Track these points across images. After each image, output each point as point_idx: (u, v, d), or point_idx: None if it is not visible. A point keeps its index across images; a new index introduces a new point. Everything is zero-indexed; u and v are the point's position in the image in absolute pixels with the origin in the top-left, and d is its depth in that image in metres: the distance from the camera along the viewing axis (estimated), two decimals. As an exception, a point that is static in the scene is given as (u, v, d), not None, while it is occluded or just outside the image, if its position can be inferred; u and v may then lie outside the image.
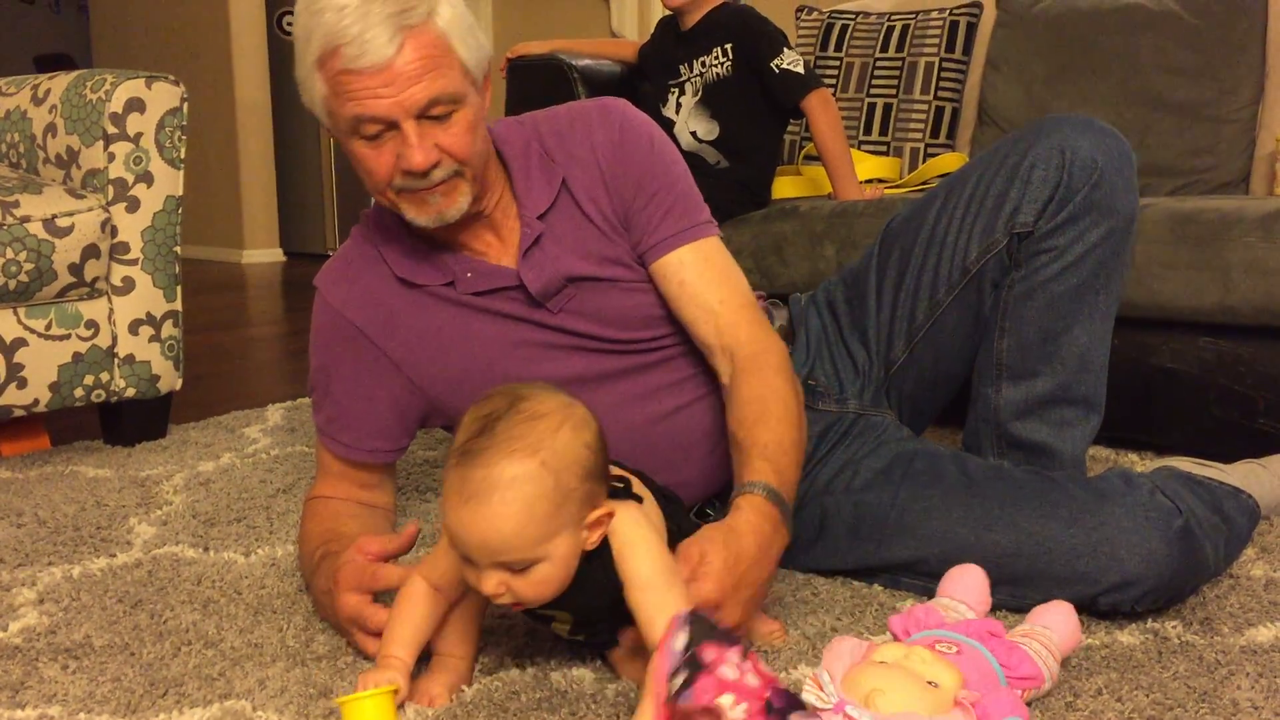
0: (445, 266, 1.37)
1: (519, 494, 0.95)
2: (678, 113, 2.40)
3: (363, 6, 1.20)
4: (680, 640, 0.90)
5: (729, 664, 0.88)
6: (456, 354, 1.37)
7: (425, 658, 1.14)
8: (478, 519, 0.95)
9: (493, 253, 1.38)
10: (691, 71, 2.39)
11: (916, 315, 1.46)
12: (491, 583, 0.98)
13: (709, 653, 0.89)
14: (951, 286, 1.43)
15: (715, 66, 2.35)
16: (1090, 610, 1.26)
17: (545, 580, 0.99)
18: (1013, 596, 1.27)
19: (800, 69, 2.28)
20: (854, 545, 1.38)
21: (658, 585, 1.01)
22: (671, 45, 2.45)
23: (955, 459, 1.39)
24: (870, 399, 1.50)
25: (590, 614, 1.07)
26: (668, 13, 2.47)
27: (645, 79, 2.57)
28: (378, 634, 1.14)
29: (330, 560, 1.26)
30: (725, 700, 0.87)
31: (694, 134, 2.37)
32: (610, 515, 1.02)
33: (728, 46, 2.33)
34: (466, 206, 1.30)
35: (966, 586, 1.23)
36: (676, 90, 2.41)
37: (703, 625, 0.91)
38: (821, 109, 2.27)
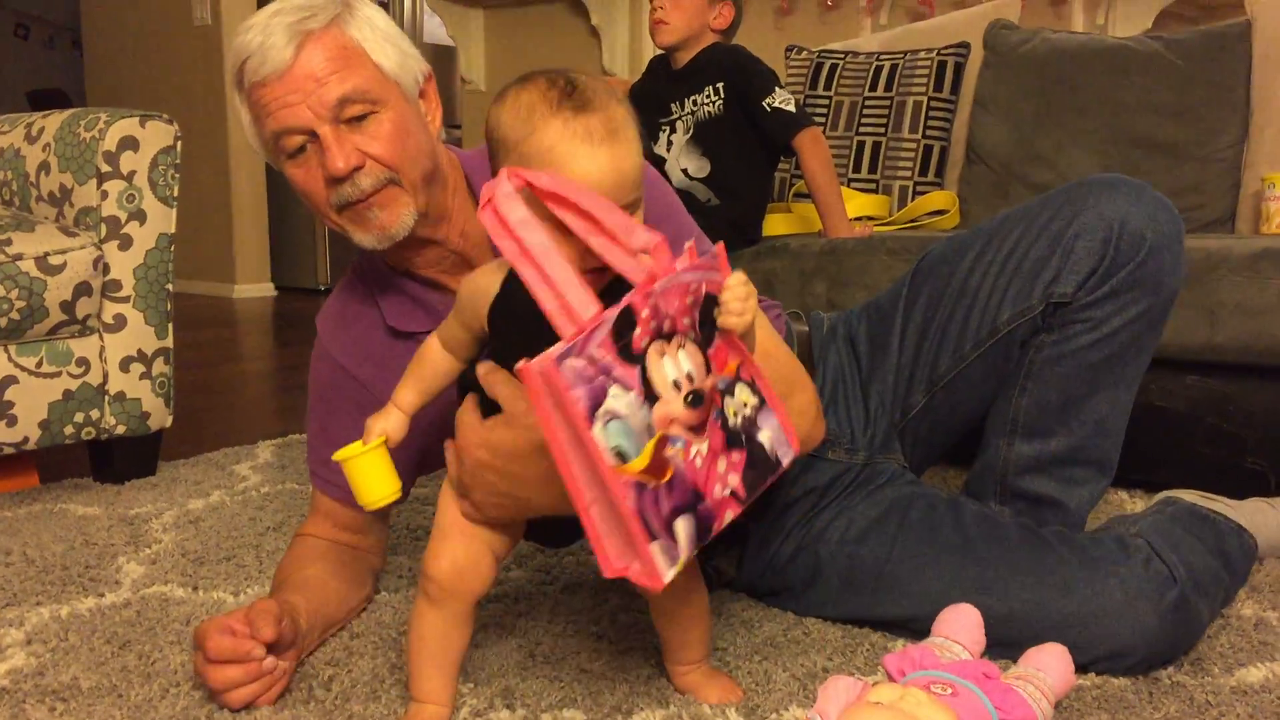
0: (435, 312, 1.35)
1: (633, 132, 1.00)
2: (669, 150, 2.42)
3: (267, 22, 1.21)
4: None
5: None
6: (452, 406, 1.35)
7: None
8: (616, 156, 0.98)
9: None
10: (683, 109, 2.41)
11: (939, 365, 1.41)
12: None
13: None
14: (979, 343, 1.37)
15: (706, 105, 2.37)
16: (1081, 672, 1.24)
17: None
18: (1007, 657, 1.24)
19: (791, 107, 2.30)
20: (846, 598, 1.37)
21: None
22: (663, 83, 2.47)
23: (952, 509, 1.36)
24: (880, 443, 1.46)
25: None
26: (659, 51, 2.49)
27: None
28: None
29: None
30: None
31: (685, 171, 2.39)
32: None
33: (719, 85, 2.35)
34: (412, 221, 1.25)
35: (961, 626, 1.23)
36: (668, 128, 2.43)
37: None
38: (812, 147, 2.29)
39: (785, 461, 1.00)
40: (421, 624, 1.12)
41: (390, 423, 1.14)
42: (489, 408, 1.09)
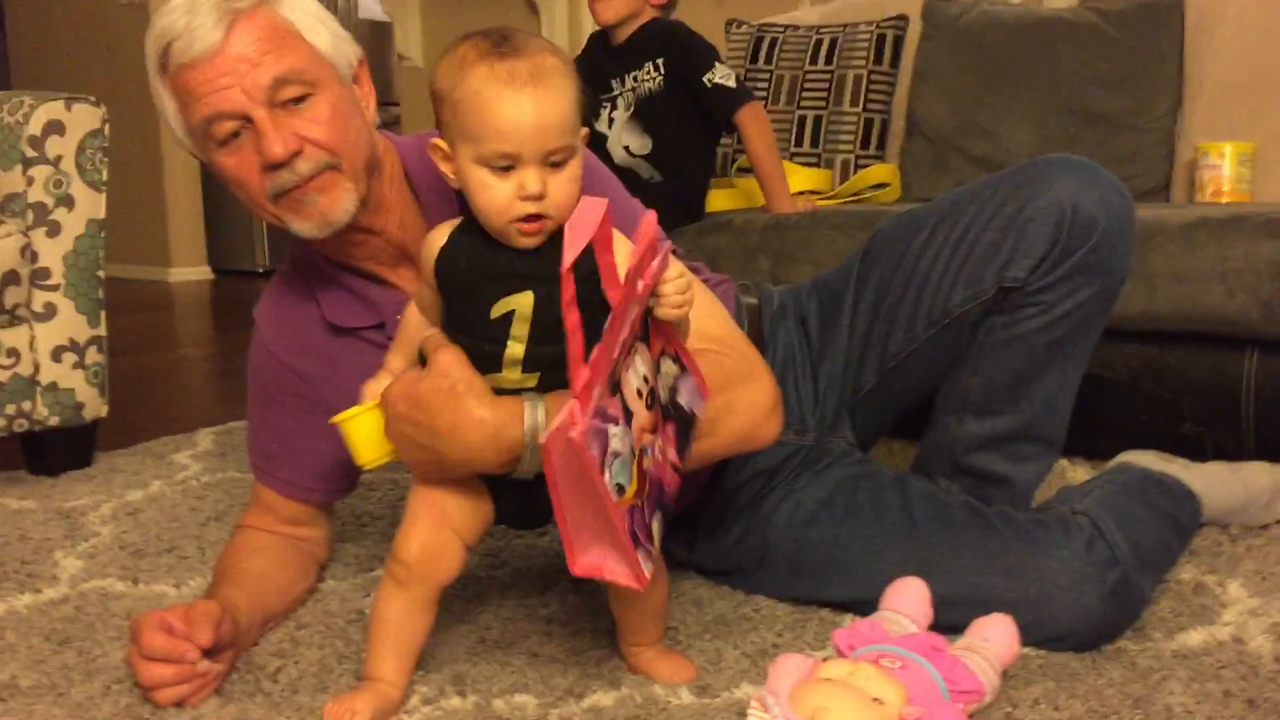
0: (375, 307, 1.32)
1: (563, 77, 1.02)
2: (610, 127, 2.40)
3: (191, 4, 1.16)
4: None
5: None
6: None
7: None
8: (538, 99, 0.99)
9: (411, 277, 1.31)
10: (623, 86, 2.39)
11: (890, 345, 1.40)
12: (536, 180, 1.00)
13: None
14: (930, 324, 1.36)
15: (647, 81, 2.35)
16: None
17: (573, 177, 1.03)
18: (951, 635, 1.22)
19: (732, 83, 2.29)
20: (794, 580, 1.37)
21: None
22: (603, 60, 2.45)
23: (899, 489, 1.36)
24: (830, 423, 1.46)
25: (556, 302, 0.99)
26: (598, 28, 2.47)
27: None
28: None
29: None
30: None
31: (626, 148, 2.37)
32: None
33: (659, 61, 2.34)
34: (353, 207, 1.21)
35: (908, 599, 1.24)
36: (609, 105, 2.41)
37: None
38: (754, 123, 2.28)
39: (700, 412, 1.01)
40: (385, 606, 1.12)
41: (382, 385, 1.12)
42: None
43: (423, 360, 1.10)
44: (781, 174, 2.31)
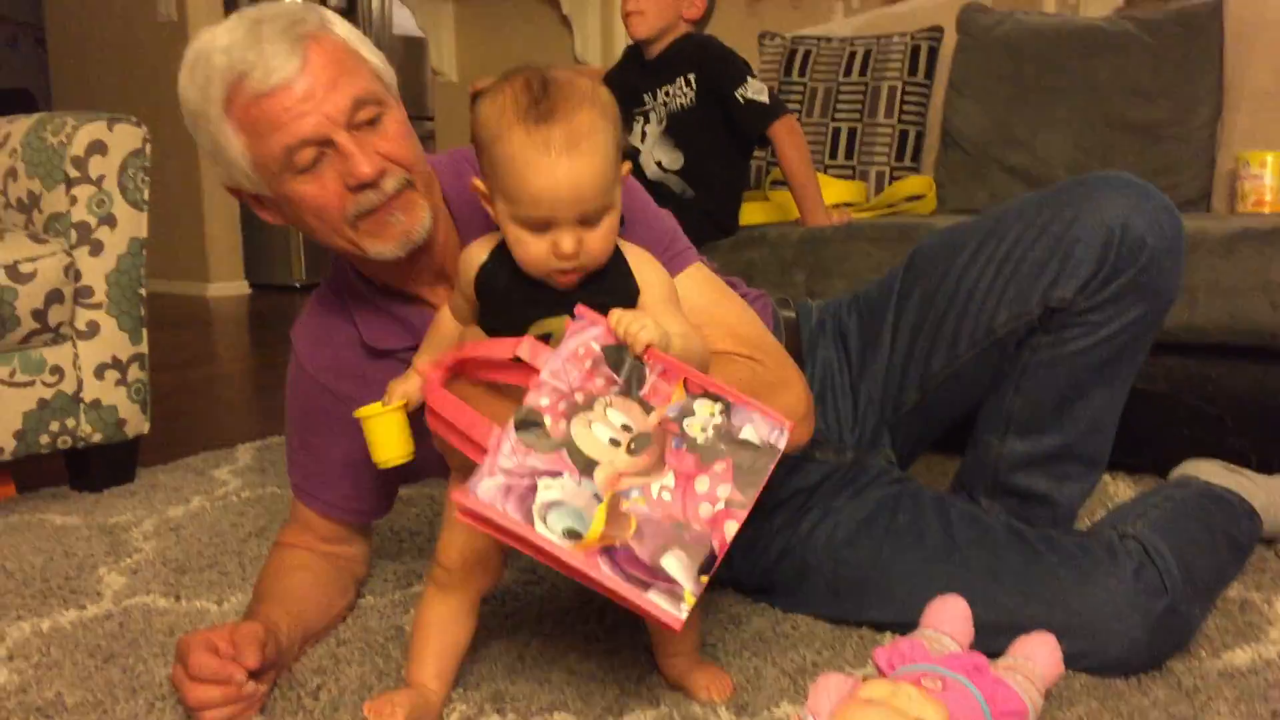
0: (411, 329, 1.32)
1: (599, 139, 1.02)
2: (643, 141, 2.41)
3: (251, 32, 1.15)
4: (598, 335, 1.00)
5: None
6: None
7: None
8: (573, 169, 1.00)
9: (444, 298, 1.29)
10: (655, 100, 2.39)
11: (933, 363, 1.39)
12: (571, 240, 1.02)
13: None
14: (974, 344, 1.35)
15: (679, 96, 2.35)
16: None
17: (609, 230, 1.05)
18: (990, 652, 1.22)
19: (765, 97, 2.29)
20: (833, 600, 1.36)
21: (668, 299, 1.09)
22: (636, 74, 2.46)
23: (939, 510, 1.35)
24: (869, 440, 1.45)
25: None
26: (632, 41, 2.47)
27: None
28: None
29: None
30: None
31: (659, 164, 2.37)
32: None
33: (691, 76, 2.34)
34: (430, 222, 1.22)
35: (950, 617, 1.23)
36: (642, 119, 2.42)
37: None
38: (788, 136, 2.28)
39: (781, 442, 1.01)
40: (428, 611, 1.16)
41: (410, 385, 1.13)
42: None
43: None
44: (816, 187, 2.30)
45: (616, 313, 1.00)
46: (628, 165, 1.11)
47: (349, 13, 5.84)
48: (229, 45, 1.15)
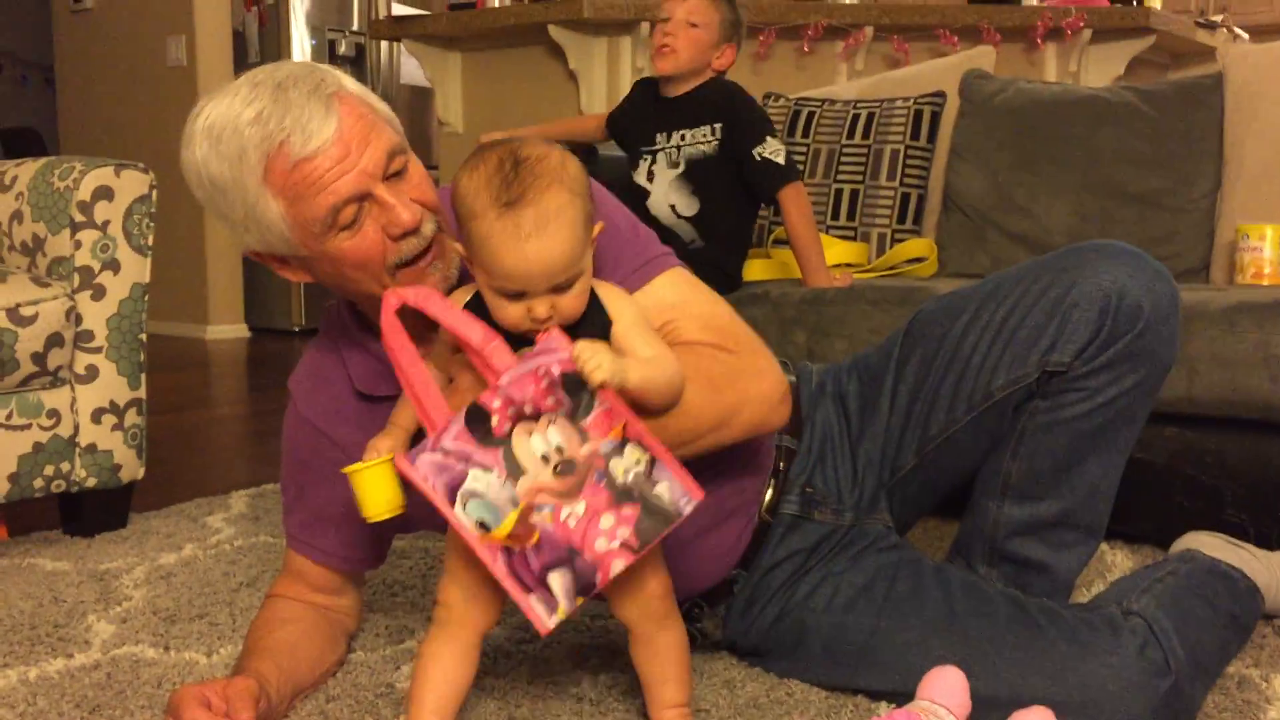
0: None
1: (566, 218, 1.09)
2: (650, 181, 2.39)
3: (278, 99, 1.16)
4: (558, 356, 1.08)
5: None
6: None
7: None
8: (542, 249, 1.07)
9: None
10: (669, 141, 2.39)
11: (930, 427, 1.39)
12: (545, 307, 1.10)
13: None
14: (971, 408, 1.35)
15: (701, 144, 2.35)
16: None
17: (581, 293, 1.13)
18: None
19: (781, 159, 2.30)
20: (829, 667, 1.35)
21: (637, 325, 1.16)
22: (649, 110, 2.44)
23: (939, 579, 1.35)
24: (868, 504, 1.44)
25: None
26: (657, 76, 2.44)
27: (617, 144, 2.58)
28: None
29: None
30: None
31: (673, 207, 2.37)
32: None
33: (717, 126, 2.34)
34: (459, 265, 1.24)
35: (946, 689, 1.22)
36: (649, 158, 2.41)
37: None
38: (795, 200, 2.29)
39: (686, 510, 1.09)
40: (429, 651, 1.17)
41: (394, 440, 1.16)
42: None
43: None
44: (819, 250, 2.31)
45: (579, 345, 1.07)
46: (599, 226, 1.16)
47: (358, 62, 5.90)
48: (260, 115, 1.16)
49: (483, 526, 1.06)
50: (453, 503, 1.06)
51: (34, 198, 2.01)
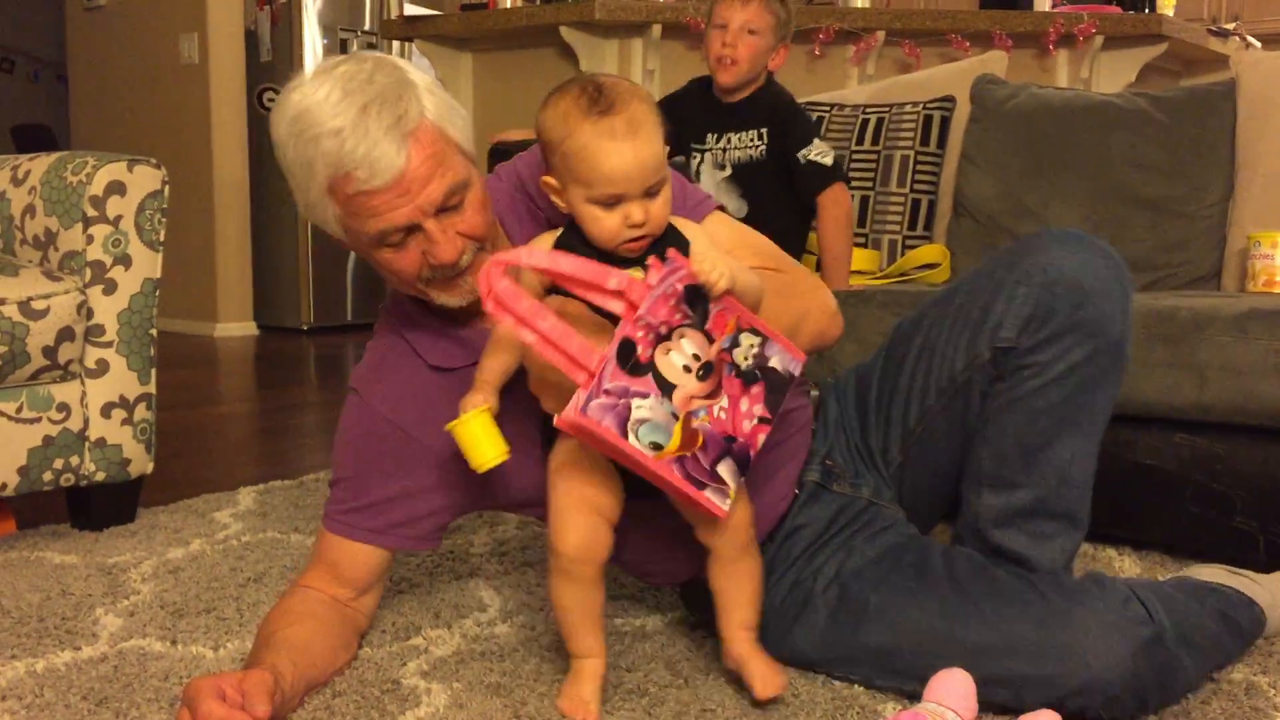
0: (469, 344, 1.39)
1: (653, 121, 1.21)
2: (697, 179, 2.42)
3: (359, 124, 1.22)
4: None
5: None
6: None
7: None
8: (638, 148, 1.19)
9: None
10: (719, 143, 2.41)
11: (909, 420, 1.47)
12: (640, 211, 1.21)
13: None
14: (940, 394, 1.43)
15: (749, 148, 2.37)
16: (1059, 711, 1.24)
17: (666, 200, 1.24)
18: (984, 694, 1.25)
19: (828, 160, 2.31)
20: (830, 628, 1.38)
21: (714, 248, 1.26)
22: (702, 109, 2.45)
23: (946, 555, 1.40)
24: (889, 496, 1.51)
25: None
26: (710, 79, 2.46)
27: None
28: None
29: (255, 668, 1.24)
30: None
31: (721, 208, 2.38)
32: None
33: (764, 130, 2.36)
34: None
35: (953, 691, 1.22)
36: (699, 156, 2.44)
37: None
38: (833, 202, 2.31)
39: (796, 371, 1.23)
40: (562, 595, 1.28)
41: (485, 394, 1.25)
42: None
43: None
44: (847, 258, 2.32)
45: (698, 257, 1.18)
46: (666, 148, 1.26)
47: (369, 62, 5.90)
48: (339, 131, 1.22)
49: (655, 447, 1.14)
50: (626, 437, 1.13)
51: (46, 192, 2.01)
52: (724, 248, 1.32)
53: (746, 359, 1.20)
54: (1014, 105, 2.63)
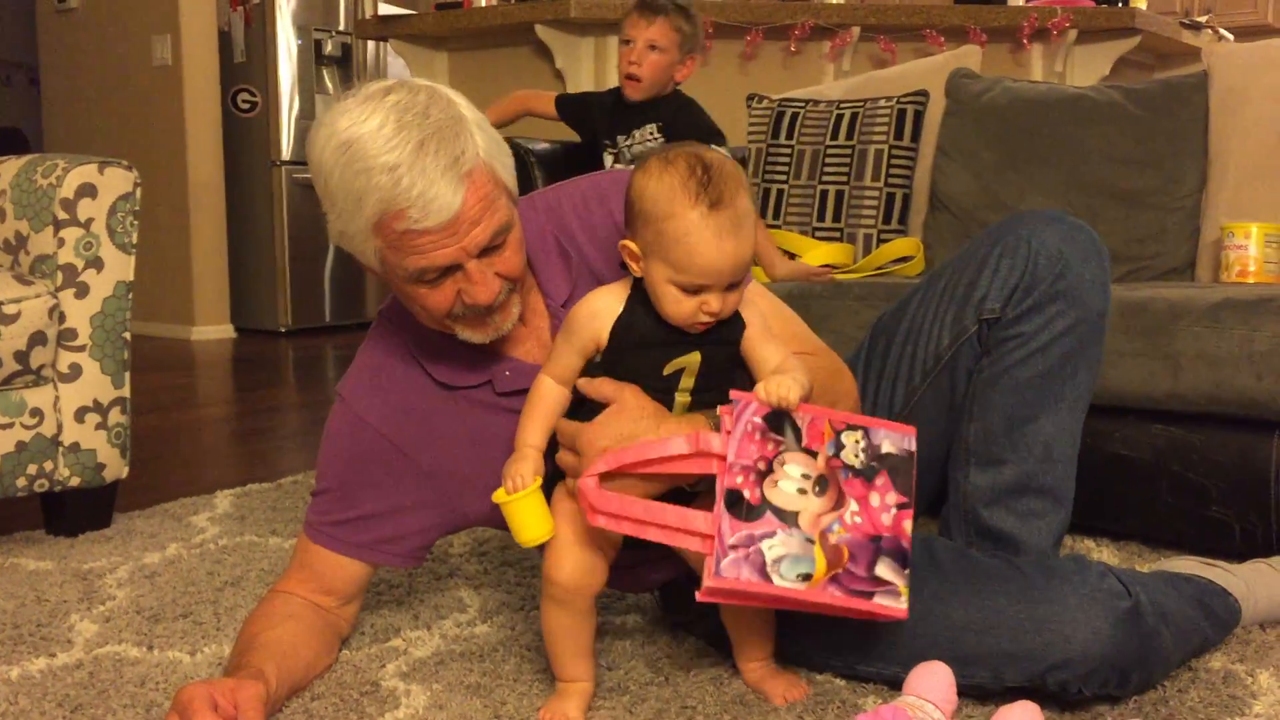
0: (481, 366, 1.37)
1: (751, 220, 1.19)
2: None
3: (416, 162, 1.18)
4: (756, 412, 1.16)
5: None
6: (495, 460, 1.34)
7: None
8: (738, 248, 1.17)
9: (517, 338, 1.37)
10: (624, 143, 2.55)
11: (896, 402, 1.49)
12: (718, 302, 1.18)
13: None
14: (926, 373, 1.46)
15: (648, 141, 2.50)
16: (1040, 690, 1.26)
17: (743, 289, 1.23)
18: (963, 676, 1.26)
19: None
20: (811, 617, 1.36)
21: (768, 330, 1.26)
22: (613, 113, 2.59)
23: (924, 541, 1.40)
24: None
25: (715, 359, 1.23)
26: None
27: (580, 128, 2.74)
28: None
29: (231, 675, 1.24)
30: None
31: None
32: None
33: (659, 125, 2.49)
34: (518, 315, 1.32)
35: (933, 685, 1.22)
36: (612, 156, 2.58)
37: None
38: None
39: (911, 447, 1.21)
40: (553, 622, 1.27)
41: (533, 463, 1.24)
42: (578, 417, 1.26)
43: (578, 405, 1.25)
44: (771, 244, 2.43)
45: (763, 386, 1.16)
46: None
47: (344, 63, 5.88)
48: (395, 166, 1.18)
49: (805, 579, 1.14)
50: (771, 580, 1.12)
51: (16, 195, 2.00)
52: (772, 325, 1.30)
53: (857, 456, 1.19)
54: (989, 99, 2.64)
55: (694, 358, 1.22)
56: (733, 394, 1.16)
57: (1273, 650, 1.46)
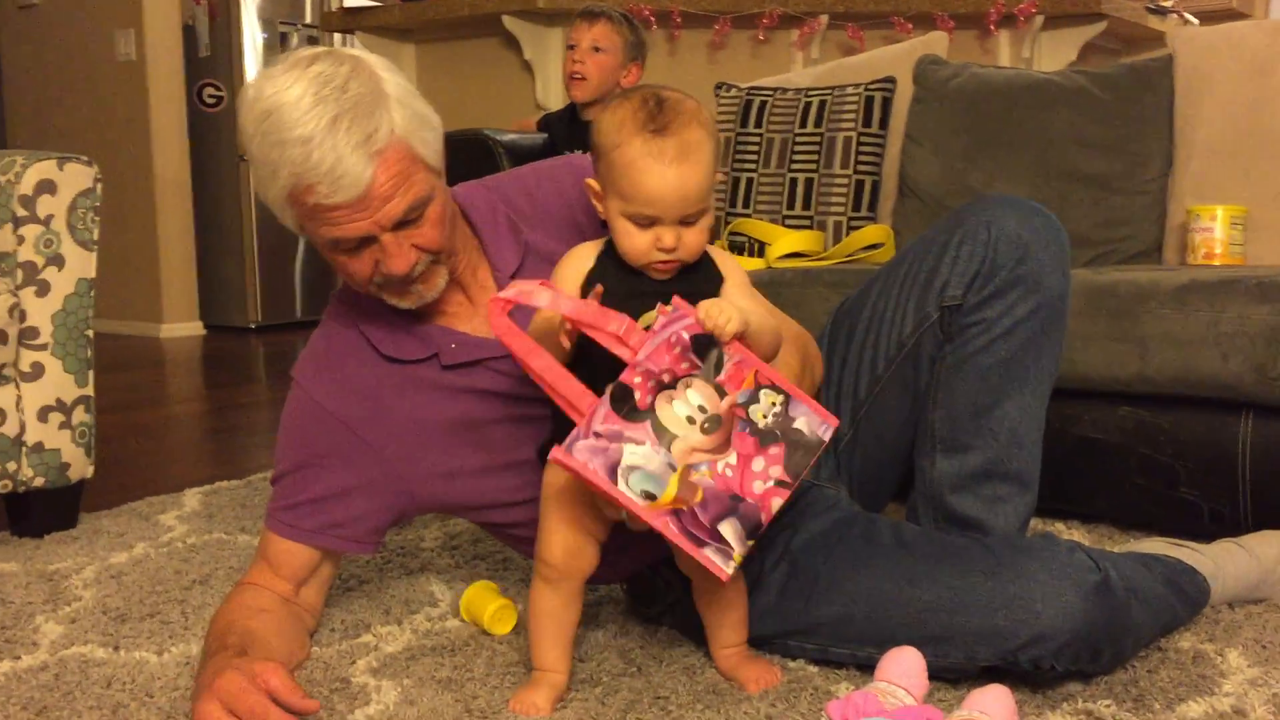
0: (428, 338, 1.39)
1: (704, 151, 1.19)
2: None
3: (328, 136, 1.20)
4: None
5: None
6: (442, 439, 1.39)
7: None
8: (682, 175, 1.17)
9: (463, 313, 1.41)
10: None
11: (859, 391, 1.49)
12: (672, 236, 1.19)
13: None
14: (890, 361, 1.45)
15: None
16: (1013, 669, 1.26)
17: (703, 229, 1.22)
18: (936, 656, 1.26)
19: None
20: (782, 603, 1.38)
21: (746, 285, 1.28)
22: (567, 129, 2.66)
23: (893, 526, 1.41)
24: (825, 475, 1.51)
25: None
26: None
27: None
28: None
29: (221, 657, 1.22)
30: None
31: None
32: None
33: None
34: (444, 285, 1.35)
35: (904, 670, 1.22)
36: None
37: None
38: None
39: (826, 437, 1.18)
40: (541, 603, 1.27)
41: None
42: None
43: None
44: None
45: (705, 305, 1.15)
46: (720, 177, 1.25)
47: (310, 55, 5.83)
48: (306, 139, 1.20)
49: (648, 496, 1.12)
50: (615, 481, 1.11)
51: (-26, 192, 1.96)
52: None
53: (766, 417, 1.16)
54: (956, 85, 2.64)
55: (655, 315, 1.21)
56: (675, 300, 1.16)
57: (1241, 629, 1.47)
